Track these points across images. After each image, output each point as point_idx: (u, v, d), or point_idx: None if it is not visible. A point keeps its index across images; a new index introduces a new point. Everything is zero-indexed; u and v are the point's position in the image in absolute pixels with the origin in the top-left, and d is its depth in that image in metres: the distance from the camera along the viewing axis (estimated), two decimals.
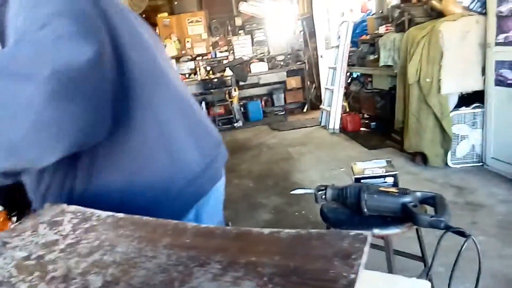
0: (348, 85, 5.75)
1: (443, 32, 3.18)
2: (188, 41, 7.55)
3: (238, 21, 7.99)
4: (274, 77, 7.92)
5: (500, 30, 3.01)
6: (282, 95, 7.92)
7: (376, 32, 4.79)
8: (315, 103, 7.70)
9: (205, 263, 0.48)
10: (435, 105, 3.34)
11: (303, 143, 5.06)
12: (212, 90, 7.32)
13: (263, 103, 7.85)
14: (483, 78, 3.24)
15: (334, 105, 5.48)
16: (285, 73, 7.88)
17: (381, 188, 1.20)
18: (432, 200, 1.15)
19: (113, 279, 0.50)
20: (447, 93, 3.31)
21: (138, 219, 0.64)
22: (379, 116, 4.85)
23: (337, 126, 5.42)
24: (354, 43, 5.51)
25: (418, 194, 1.17)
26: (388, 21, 4.58)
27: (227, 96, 7.27)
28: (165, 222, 0.61)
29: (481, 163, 3.37)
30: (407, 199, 1.14)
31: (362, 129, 5.31)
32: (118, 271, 0.52)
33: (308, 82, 7.88)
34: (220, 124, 7.25)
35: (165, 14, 7.45)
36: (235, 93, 7.26)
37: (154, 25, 7.40)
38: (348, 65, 5.45)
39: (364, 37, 5.21)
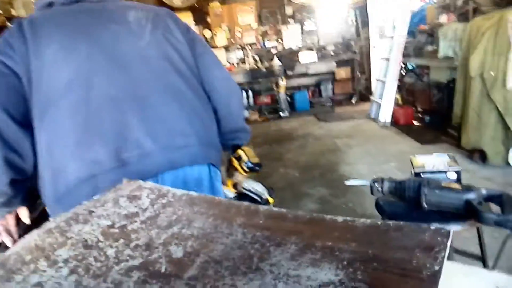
0: (402, 77, 5.51)
1: None
2: (238, 31, 7.60)
3: (289, 10, 7.91)
4: (323, 67, 7.77)
5: None
6: (330, 86, 7.77)
7: (436, 22, 4.52)
8: (365, 95, 7.48)
9: (281, 243, 0.50)
10: (498, 100, 3.11)
11: (351, 135, 4.96)
12: (259, 79, 7.35)
13: (310, 93, 7.75)
14: None
15: (386, 97, 5.29)
16: (334, 64, 7.70)
17: (443, 184, 1.16)
18: (499, 199, 1.10)
19: (193, 250, 0.54)
20: None
21: (211, 198, 0.67)
22: (435, 110, 4.62)
23: (388, 119, 5.23)
24: (410, 33, 5.25)
25: (483, 191, 1.12)
26: (450, 10, 4.31)
27: (274, 85, 7.27)
28: (237, 203, 0.64)
29: None
30: (471, 195, 1.10)
31: (415, 123, 5.09)
32: (196, 244, 0.55)
33: (359, 73, 7.66)
34: (266, 113, 7.28)
35: (217, 3, 7.54)
36: (283, 83, 7.23)
37: (205, 14, 7.54)
38: (403, 56, 5.21)
39: (422, 26, 4.94)
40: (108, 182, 0.81)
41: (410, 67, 5.71)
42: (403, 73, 5.67)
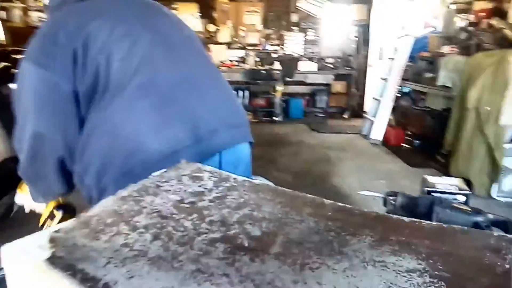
0: (397, 99, 5.69)
1: None
2: (242, 30, 7.65)
3: (294, 17, 8.02)
4: (320, 78, 7.91)
5: None
6: (325, 98, 7.91)
7: (438, 51, 4.71)
8: (357, 111, 7.66)
9: (356, 234, 0.56)
10: (490, 134, 3.29)
11: (343, 149, 5.08)
12: (258, 81, 7.42)
13: (305, 102, 7.87)
14: None
15: (380, 116, 5.44)
16: (332, 76, 7.86)
17: (454, 204, 1.25)
18: (504, 225, 1.19)
19: (270, 231, 0.59)
20: (506, 125, 3.25)
21: (274, 187, 0.73)
22: (426, 135, 4.79)
23: (380, 138, 5.39)
24: (411, 58, 5.44)
25: (491, 216, 1.21)
26: (452, 42, 4.50)
27: (271, 89, 7.35)
28: (302, 194, 0.70)
29: None
30: (479, 218, 1.18)
31: (404, 145, 5.26)
32: (271, 226, 0.61)
33: (354, 89, 7.83)
34: (260, 115, 7.34)
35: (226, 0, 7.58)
36: (280, 88, 7.32)
37: (212, 8, 7.56)
38: (402, 79, 5.39)
39: (423, 53, 5.13)
40: (188, 158, 0.88)
41: (405, 90, 5.89)
42: (399, 95, 5.85)
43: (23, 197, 1.28)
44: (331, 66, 7.85)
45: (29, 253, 0.56)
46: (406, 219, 0.59)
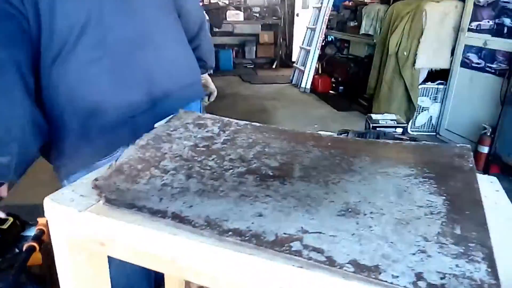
0: (323, 48, 5.98)
1: (427, 11, 3.49)
2: None
3: None
4: (248, 29, 7.89)
5: (474, 17, 3.38)
6: (254, 48, 7.97)
7: (360, 0, 4.99)
8: (285, 61, 7.89)
9: (356, 156, 0.70)
10: (407, 77, 3.71)
11: (276, 98, 5.29)
12: None
13: (234, 53, 7.85)
14: (451, 59, 3.65)
15: (308, 65, 5.71)
16: (259, 26, 7.88)
17: (396, 136, 1.48)
18: None
19: (285, 162, 0.71)
20: (420, 68, 3.69)
21: (275, 127, 0.83)
22: (350, 81, 5.19)
23: (308, 86, 5.70)
24: (335, 7, 5.68)
25: (422, 143, 1.47)
26: None
27: None
28: (300, 131, 0.81)
29: (435, 133, 3.88)
30: None
31: (331, 91, 5.65)
32: (285, 158, 0.72)
33: (281, 39, 7.98)
34: None
35: None
36: None
37: None
38: (326, 28, 5.64)
39: (347, 3, 5.39)
40: (145, 123, 0.85)
41: (329, 38, 6.21)
42: (323, 44, 6.15)
43: None
44: (258, 15, 7.83)
45: (76, 202, 0.60)
46: (390, 141, 0.75)
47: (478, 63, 3.36)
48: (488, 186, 0.66)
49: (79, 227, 0.58)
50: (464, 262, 0.45)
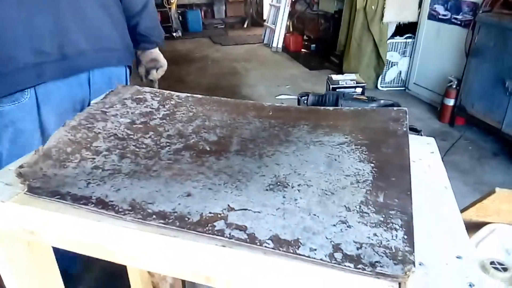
0: (293, 4, 5.80)
1: None
2: None
3: None
4: None
5: None
6: (223, 7, 7.67)
7: None
8: (256, 20, 7.65)
9: (295, 125, 0.69)
10: (376, 32, 3.67)
11: (248, 60, 5.18)
12: None
13: (202, 14, 7.54)
14: (419, 11, 3.61)
15: (279, 23, 5.56)
16: None
17: (354, 96, 1.48)
18: (392, 106, 1.47)
19: (224, 135, 0.69)
20: (388, 22, 3.64)
21: (218, 99, 0.81)
22: (321, 38, 5.11)
23: (280, 45, 5.58)
24: None
25: (382, 101, 1.47)
26: None
27: (165, 1, 6.81)
28: (243, 101, 0.79)
29: (404, 88, 3.92)
30: (374, 104, 1.44)
31: (303, 50, 5.56)
32: (224, 131, 0.70)
33: None
34: None
35: None
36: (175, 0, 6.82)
37: None
38: None
39: None
40: (52, 71, 0.99)
41: None
42: (294, 1, 5.96)
43: None
44: None
45: (0, 191, 0.57)
46: (331, 108, 0.74)
47: (444, 15, 3.34)
48: (424, 148, 0.67)
49: (5, 217, 0.56)
50: (382, 230, 0.45)
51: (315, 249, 0.43)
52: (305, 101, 1.60)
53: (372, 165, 0.55)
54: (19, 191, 0.57)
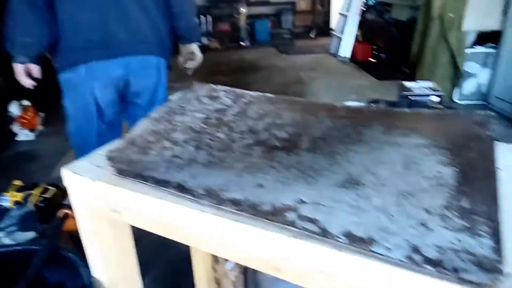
0: (363, 13, 5.67)
1: None
2: None
3: None
4: None
5: None
6: (291, 17, 7.74)
7: None
8: (323, 29, 7.60)
9: (368, 126, 0.68)
10: (453, 41, 3.44)
11: (313, 69, 5.16)
12: (219, 4, 7.08)
13: (270, 24, 7.68)
14: (503, 19, 3.32)
15: (347, 32, 5.47)
16: None
17: (429, 104, 1.40)
18: None
19: (294, 133, 0.69)
20: (467, 30, 3.40)
21: (289, 98, 0.82)
22: (392, 47, 4.91)
23: (348, 55, 5.48)
24: None
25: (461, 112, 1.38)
26: None
27: (235, 12, 7.07)
28: (314, 102, 0.79)
29: (484, 102, 3.61)
30: None
31: (371, 59, 5.40)
32: (295, 129, 0.71)
33: (319, 6, 7.67)
34: (226, 41, 7.14)
35: None
36: (244, 10, 7.04)
37: None
38: None
39: None
40: (97, 54, 1.40)
41: (370, 3, 5.86)
42: (364, 9, 5.83)
43: None
44: None
45: (91, 172, 0.63)
46: (408, 110, 0.71)
47: None
48: (511, 156, 0.61)
49: (93, 195, 0.62)
50: (466, 236, 0.42)
51: (391, 249, 0.41)
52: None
53: (455, 168, 0.52)
54: (107, 173, 0.63)
